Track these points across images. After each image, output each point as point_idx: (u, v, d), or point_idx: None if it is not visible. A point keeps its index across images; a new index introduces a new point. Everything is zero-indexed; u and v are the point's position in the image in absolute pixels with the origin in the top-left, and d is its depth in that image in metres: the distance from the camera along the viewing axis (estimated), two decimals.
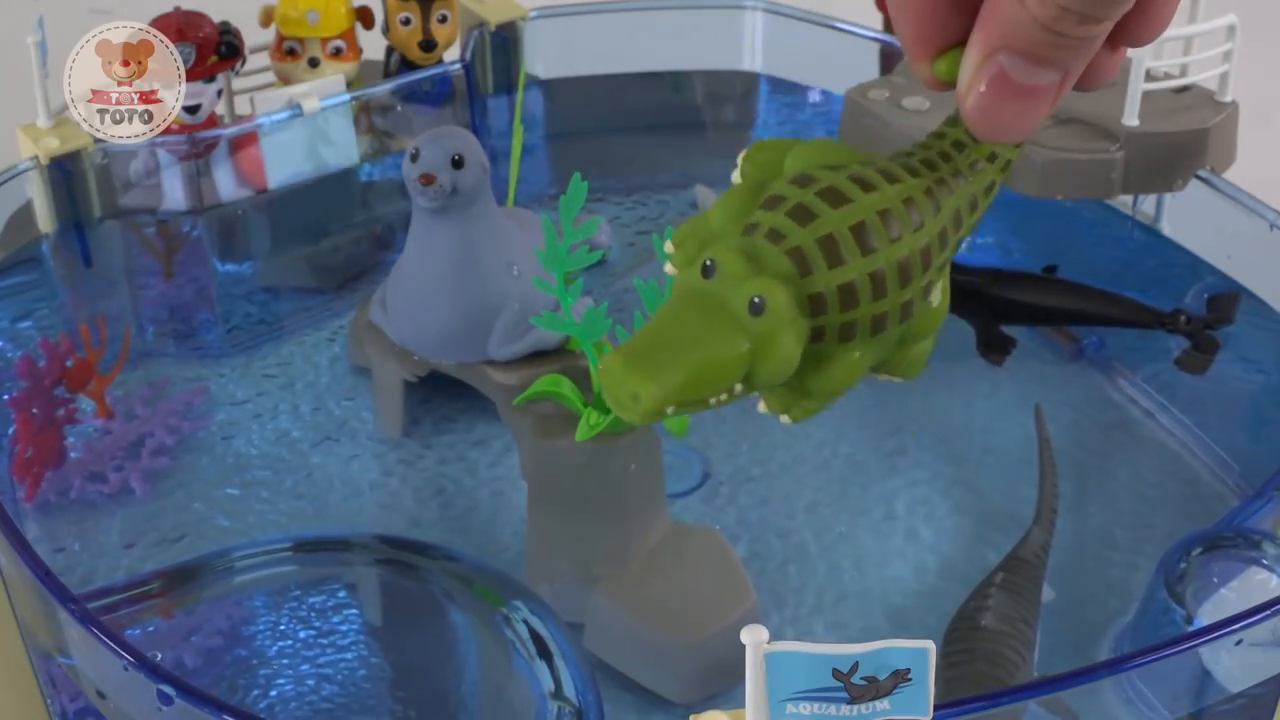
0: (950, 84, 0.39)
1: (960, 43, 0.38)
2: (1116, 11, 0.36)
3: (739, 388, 0.39)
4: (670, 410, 0.38)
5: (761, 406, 0.42)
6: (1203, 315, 0.71)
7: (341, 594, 0.60)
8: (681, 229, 0.41)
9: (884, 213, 0.40)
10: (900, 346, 0.42)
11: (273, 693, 0.57)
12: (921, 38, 0.39)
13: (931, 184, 0.41)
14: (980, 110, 0.39)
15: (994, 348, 0.74)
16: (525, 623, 0.54)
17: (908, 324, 0.41)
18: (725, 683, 0.58)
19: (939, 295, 0.42)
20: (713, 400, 0.39)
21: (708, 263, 0.39)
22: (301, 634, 0.59)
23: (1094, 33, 0.37)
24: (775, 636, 0.36)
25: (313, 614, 0.59)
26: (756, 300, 0.38)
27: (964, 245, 0.61)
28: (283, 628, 0.59)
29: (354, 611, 0.60)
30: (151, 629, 0.58)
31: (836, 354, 0.40)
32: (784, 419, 0.42)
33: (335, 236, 0.81)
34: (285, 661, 0.58)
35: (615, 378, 0.38)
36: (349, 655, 0.58)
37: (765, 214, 0.40)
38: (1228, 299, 0.71)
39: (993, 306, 0.74)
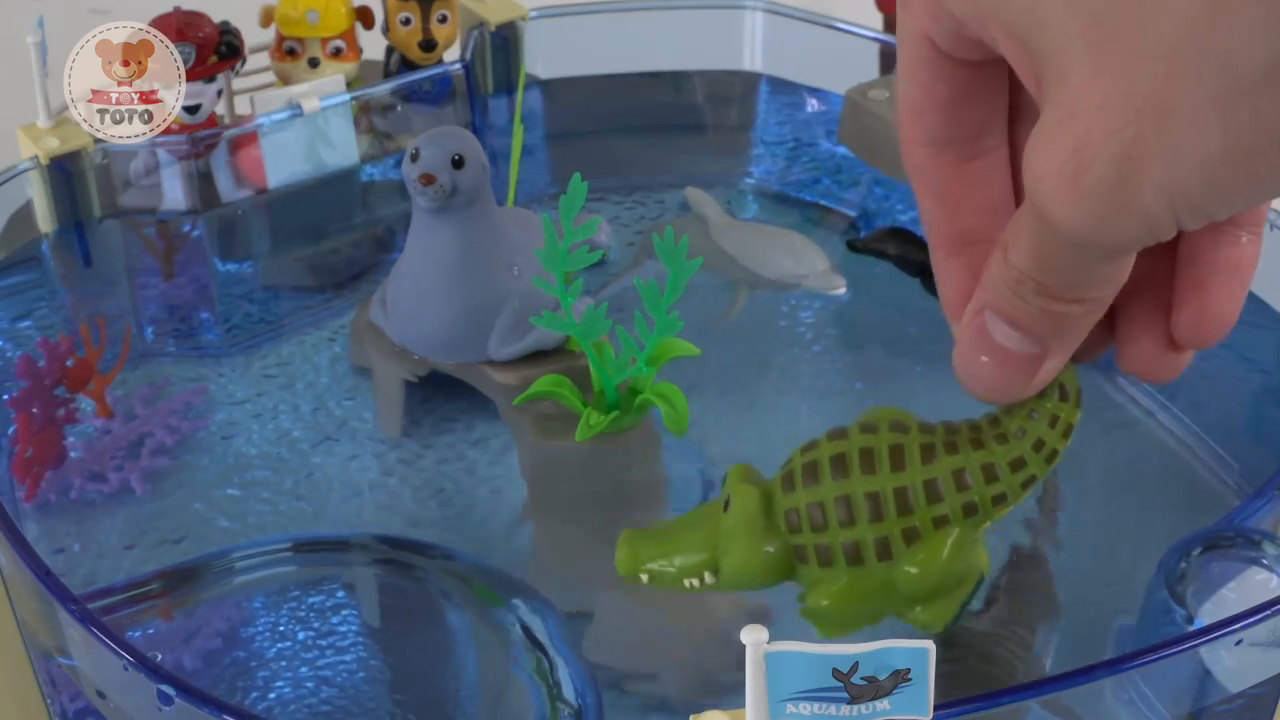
0: None
1: None
2: (1076, 291, 0.38)
3: (709, 577, 0.47)
4: (644, 578, 0.49)
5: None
6: None
7: (341, 594, 0.60)
8: None
9: (865, 450, 0.45)
10: (908, 601, 0.47)
11: (271, 695, 0.57)
12: (955, 301, 0.43)
13: (937, 441, 0.46)
14: (961, 362, 0.42)
15: None
16: (524, 622, 0.54)
17: (901, 569, 0.45)
18: (725, 683, 0.58)
19: (946, 552, 0.46)
20: (686, 583, 0.48)
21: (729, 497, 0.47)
22: (301, 635, 0.59)
23: (1059, 309, 0.38)
24: (775, 637, 0.36)
25: (312, 615, 0.59)
26: (728, 499, 0.47)
27: None
28: (283, 629, 0.59)
29: (353, 612, 0.60)
30: (152, 630, 0.58)
31: (821, 579, 0.46)
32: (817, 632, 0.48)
33: (335, 236, 0.81)
34: (285, 663, 0.58)
35: (619, 543, 0.50)
36: (349, 656, 0.58)
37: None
38: None
39: None
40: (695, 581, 0.47)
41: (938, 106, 0.41)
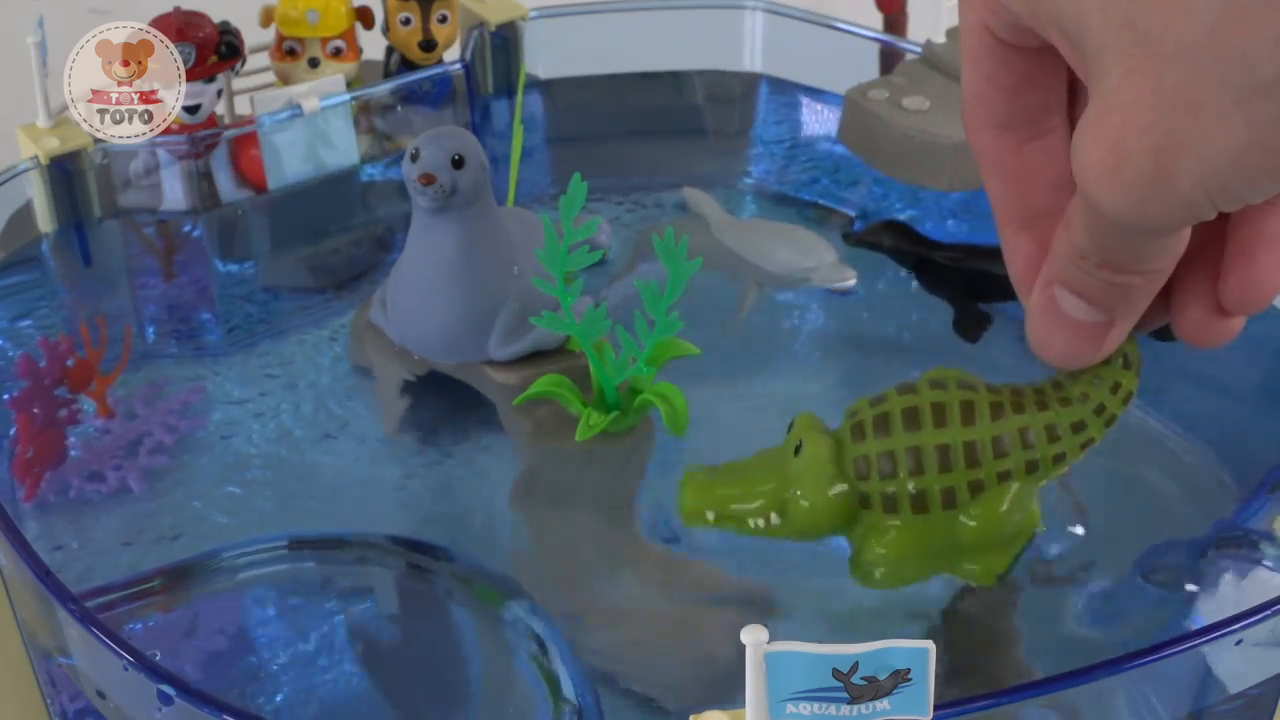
0: None
1: None
2: (1134, 265, 0.40)
3: (775, 518, 0.49)
4: (710, 516, 0.50)
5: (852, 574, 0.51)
6: None
7: (341, 593, 0.60)
8: None
9: (937, 405, 0.47)
10: (973, 553, 0.49)
11: (274, 694, 0.57)
12: (1023, 274, 0.45)
13: (1004, 401, 0.47)
14: (1034, 332, 0.44)
15: (969, 326, 0.74)
16: (524, 623, 0.54)
17: (960, 520, 0.47)
18: (725, 683, 0.58)
19: (1006, 505, 0.48)
20: (751, 523, 0.49)
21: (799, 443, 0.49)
22: (301, 634, 0.59)
23: (1121, 281, 0.41)
24: (774, 637, 0.36)
25: (313, 613, 0.59)
26: (798, 444, 0.48)
27: (953, 226, 0.72)
28: (282, 629, 0.59)
29: (355, 611, 0.60)
30: (152, 622, 0.58)
31: (881, 526, 0.48)
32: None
33: (335, 236, 0.81)
34: (283, 664, 0.58)
35: (682, 483, 0.50)
36: (349, 657, 0.58)
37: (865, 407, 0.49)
38: None
39: (969, 283, 0.74)
40: (761, 522, 0.49)
41: (1001, 92, 0.43)
